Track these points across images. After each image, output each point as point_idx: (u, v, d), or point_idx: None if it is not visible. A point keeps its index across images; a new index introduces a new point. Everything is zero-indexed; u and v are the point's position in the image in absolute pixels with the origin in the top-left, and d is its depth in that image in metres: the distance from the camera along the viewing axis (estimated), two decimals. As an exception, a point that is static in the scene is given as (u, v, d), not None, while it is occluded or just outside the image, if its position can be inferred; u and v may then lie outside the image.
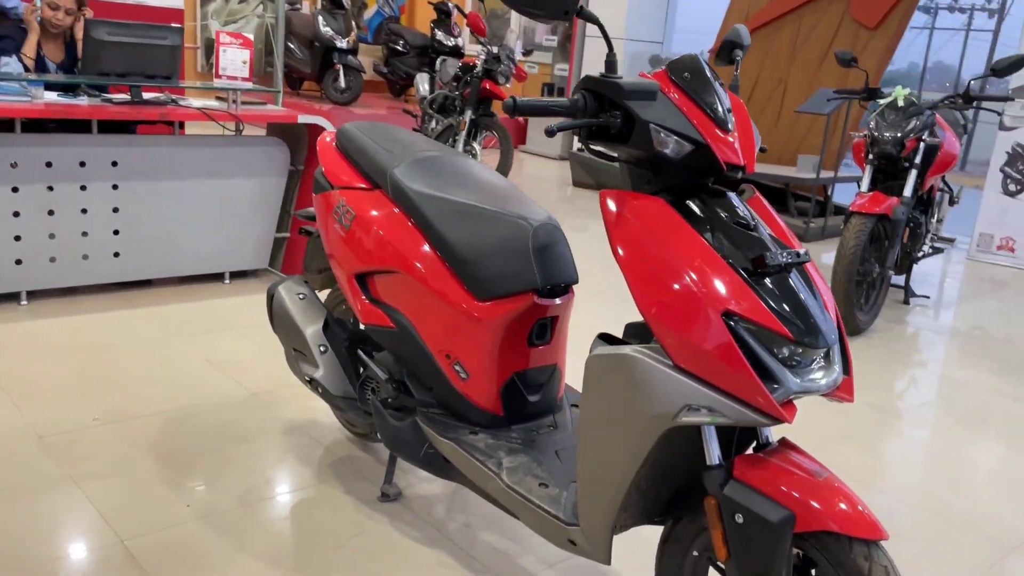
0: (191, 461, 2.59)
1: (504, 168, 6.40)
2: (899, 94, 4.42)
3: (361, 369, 2.44)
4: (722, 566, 1.72)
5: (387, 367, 2.27)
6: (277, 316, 2.50)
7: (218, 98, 4.19)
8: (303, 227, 2.76)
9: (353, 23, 9.98)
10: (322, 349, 2.39)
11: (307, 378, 2.42)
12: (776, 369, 1.51)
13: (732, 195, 1.69)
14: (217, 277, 4.30)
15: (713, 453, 1.62)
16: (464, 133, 6.59)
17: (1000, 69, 4.18)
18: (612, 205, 1.65)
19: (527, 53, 7.28)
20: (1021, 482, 2.99)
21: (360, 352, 2.34)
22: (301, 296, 2.49)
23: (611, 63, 1.62)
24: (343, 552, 2.20)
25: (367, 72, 10.44)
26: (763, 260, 1.55)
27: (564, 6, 1.55)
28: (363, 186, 2.30)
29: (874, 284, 4.47)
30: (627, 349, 1.60)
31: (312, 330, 2.42)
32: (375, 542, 2.26)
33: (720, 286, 1.52)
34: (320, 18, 9.69)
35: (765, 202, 1.76)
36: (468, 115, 6.58)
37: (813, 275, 1.66)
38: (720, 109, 1.64)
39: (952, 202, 5.39)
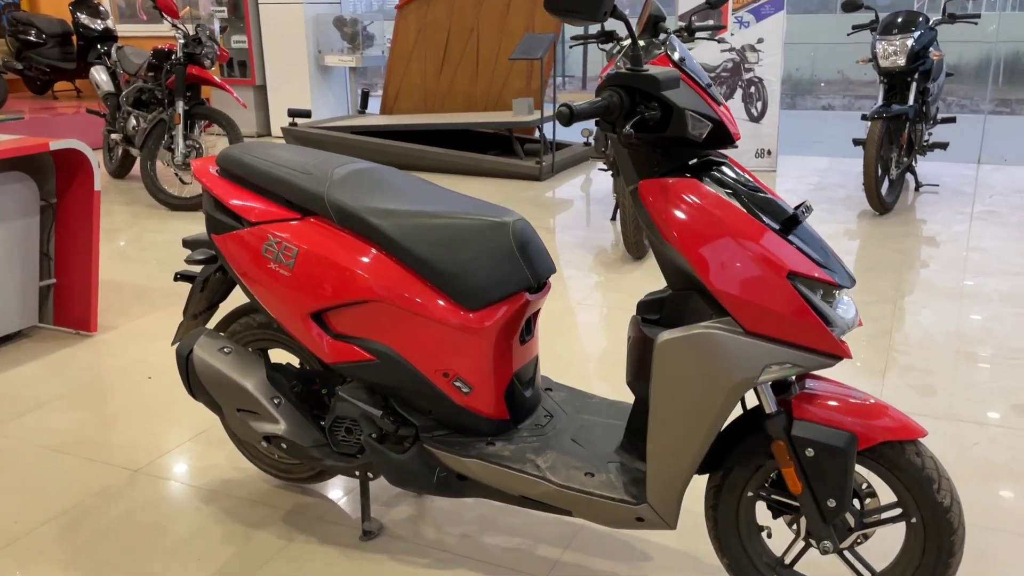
0: (127, 563, 2.22)
1: None
2: (637, 34, 4.82)
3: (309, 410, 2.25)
4: (781, 498, 1.89)
5: (363, 401, 2.11)
6: (204, 379, 2.18)
7: (-77, 135, 3.41)
8: (182, 272, 2.42)
9: (-25, 17, 8.47)
10: (276, 401, 2.15)
11: (264, 438, 2.17)
12: (831, 314, 1.69)
13: (729, 164, 1.82)
14: (-19, 349, 3.59)
15: (772, 403, 1.77)
16: (180, 127, 5.98)
17: (714, 1, 4.71)
18: (654, 195, 1.70)
19: (224, 30, 6.73)
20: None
21: (340, 392, 2.13)
22: (226, 350, 2.20)
23: (637, 57, 1.65)
24: (372, 605, 2.07)
25: None
26: (796, 220, 1.70)
27: (602, 8, 1.54)
28: (292, 216, 2.08)
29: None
30: (699, 328, 1.68)
31: (256, 383, 2.16)
32: (394, 583, 2.14)
33: (777, 253, 1.65)
34: (-68, 15, 8.09)
35: (740, 164, 1.91)
36: (180, 107, 5.97)
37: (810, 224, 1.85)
38: (712, 86, 1.75)
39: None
